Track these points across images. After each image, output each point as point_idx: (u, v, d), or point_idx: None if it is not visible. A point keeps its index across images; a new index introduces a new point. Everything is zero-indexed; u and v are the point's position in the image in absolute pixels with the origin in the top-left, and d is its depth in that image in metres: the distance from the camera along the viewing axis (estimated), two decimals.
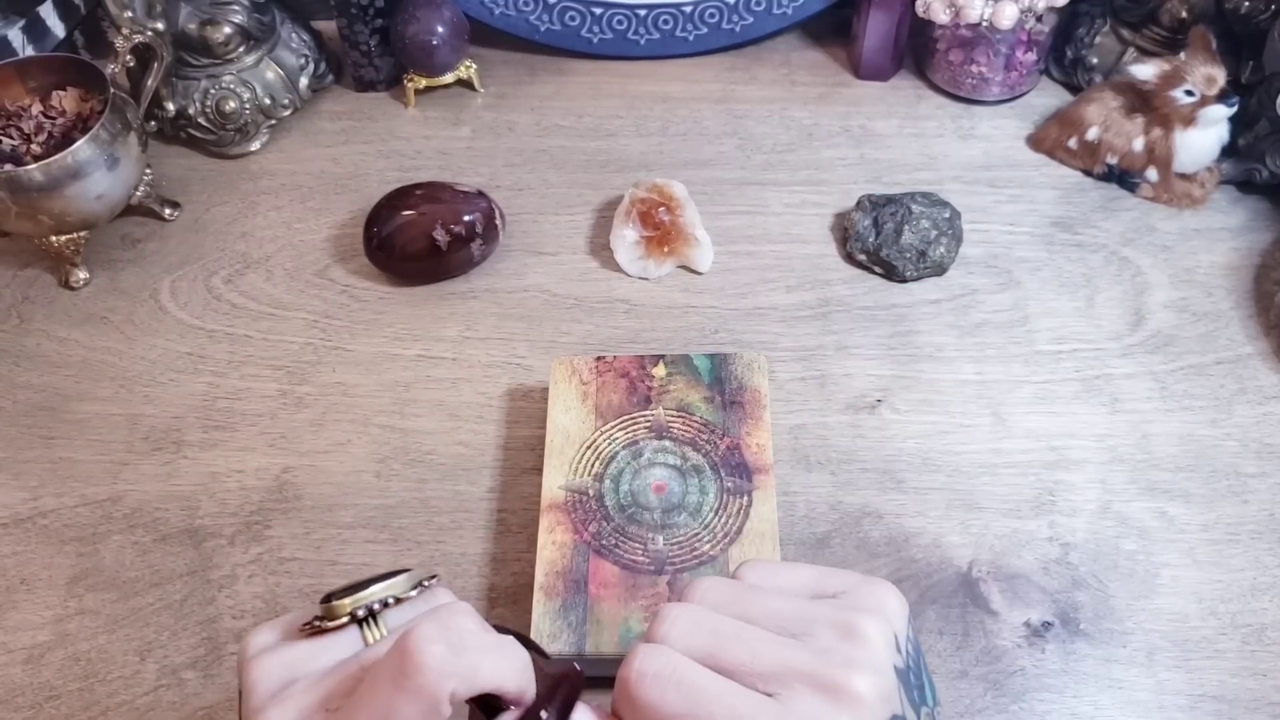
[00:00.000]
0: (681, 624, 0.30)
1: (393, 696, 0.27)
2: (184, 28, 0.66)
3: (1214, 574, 0.48)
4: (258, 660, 0.30)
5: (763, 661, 0.28)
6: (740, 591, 0.31)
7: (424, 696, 0.27)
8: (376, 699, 0.28)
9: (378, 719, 0.27)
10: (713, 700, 0.28)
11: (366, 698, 0.28)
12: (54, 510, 0.52)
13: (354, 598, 0.31)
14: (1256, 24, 0.64)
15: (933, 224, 0.60)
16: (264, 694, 0.30)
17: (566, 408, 0.50)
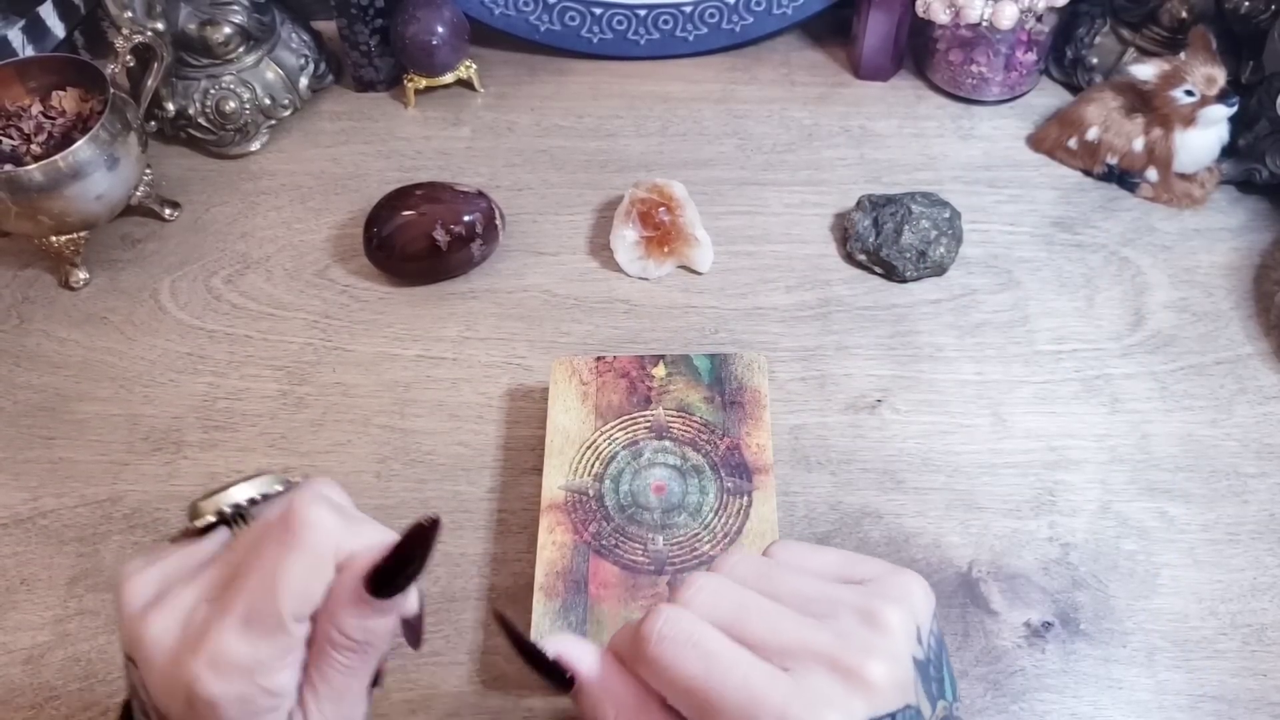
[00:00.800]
0: (706, 592, 0.30)
1: (281, 556, 0.28)
2: (184, 28, 0.66)
3: (1214, 574, 0.48)
4: (128, 581, 0.30)
5: (782, 638, 0.29)
6: (768, 568, 0.31)
7: (310, 552, 0.28)
8: (264, 562, 0.28)
9: (267, 581, 0.28)
10: (729, 669, 0.28)
11: (254, 563, 0.28)
12: (54, 510, 0.52)
13: (216, 498, 0.31)
14: (1256, 24, 0.64)
15: (933, 224, 0.60)
16: (139, 604, 0.29)
17: (566, 408, 0.50)
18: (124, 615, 0.29)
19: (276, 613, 0.28)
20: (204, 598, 0.29)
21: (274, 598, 0.28)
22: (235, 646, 0.28)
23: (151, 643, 0.28)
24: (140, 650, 0.29)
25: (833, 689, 0.28)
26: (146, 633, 0.28)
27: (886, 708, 0.28)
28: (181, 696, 0.28)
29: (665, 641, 0.28)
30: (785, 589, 0.31)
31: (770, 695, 0.27)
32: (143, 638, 0.28)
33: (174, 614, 0.29)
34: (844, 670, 0.28)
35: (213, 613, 0.28)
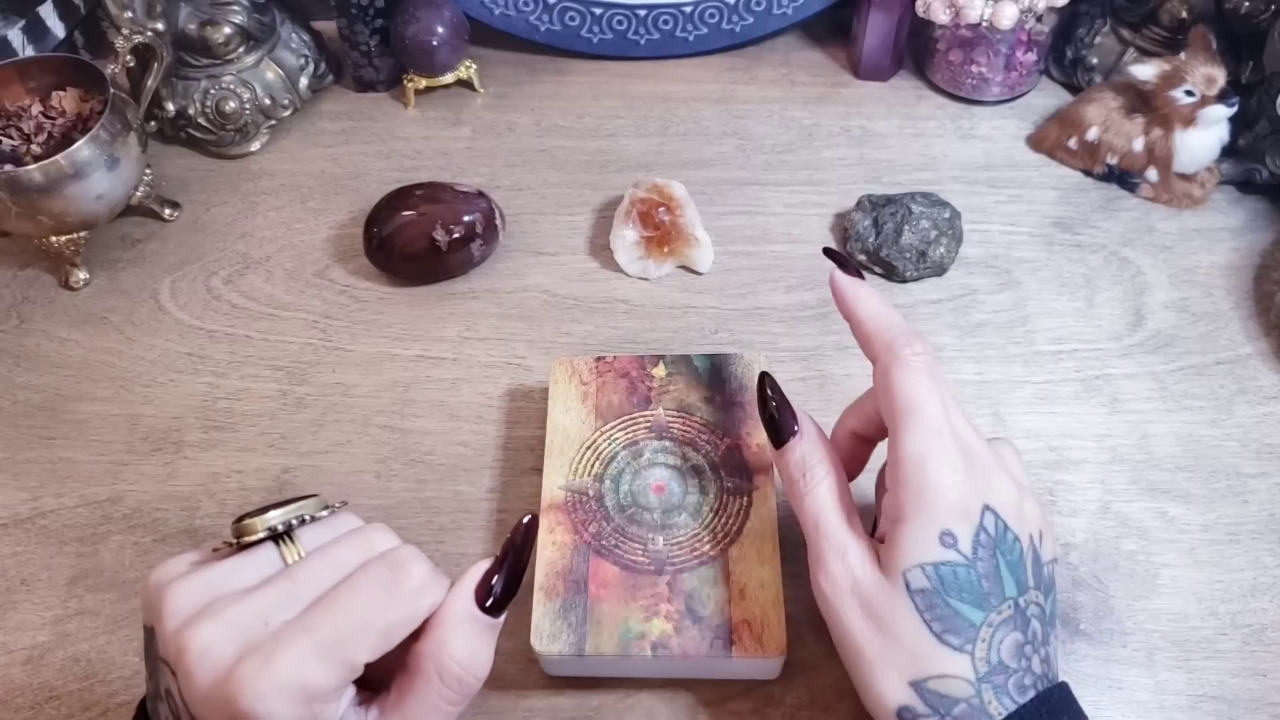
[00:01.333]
0: (943, 380, 0.37)
1: (386, 604, 0.30)
2: (184, 28, 0.66)
3: (1214, 574, 0.48)
4: (173, 586, 0.30)
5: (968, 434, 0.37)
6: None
7: (414, 609, 0.30)
8: (363, 602, 0.29)
9: (363, 622, 0.29)
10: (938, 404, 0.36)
11: (347, 600, 0.29)
12: (54, 510, 0.52)
13: (266, 516, 0.31)
14: (1256, 24, 0.64)
15: (933, 224, 0.60)
16: (185, 612, 0.29)
17: (566, 408, 0.50)
18: (166, 624, 0.29)
19: (358, 652, 0.29)
20: (264, 619, 0.29)
21: (363, 638, 0.29)
22: (310, 669, 0.28)
23: (199, 654, 0.28)
24: (184, 660, 0.28)
25: (985, 472, 0.35)
26: (193, 643, 0.28)
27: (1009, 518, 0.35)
28: (225, 711, 0.28)
29: (919, 356, 0.37)
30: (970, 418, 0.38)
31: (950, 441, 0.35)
32: (188, 648, 0.28)
33: (226, 627, 0.29)
34: (997, 473, 0.36)
35: (289, 632, 0.28)
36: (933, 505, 0.34)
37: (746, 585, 0.43)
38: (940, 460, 0.35)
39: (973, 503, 0.34)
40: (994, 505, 0.35)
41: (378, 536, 0.32)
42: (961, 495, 0.34)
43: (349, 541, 0.32)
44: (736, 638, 0.41)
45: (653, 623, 0.42)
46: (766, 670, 0.44)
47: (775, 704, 0.44)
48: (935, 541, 0.34)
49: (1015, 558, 0.34)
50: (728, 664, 0.42)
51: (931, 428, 0.35)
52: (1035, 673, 0.34)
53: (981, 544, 0.34)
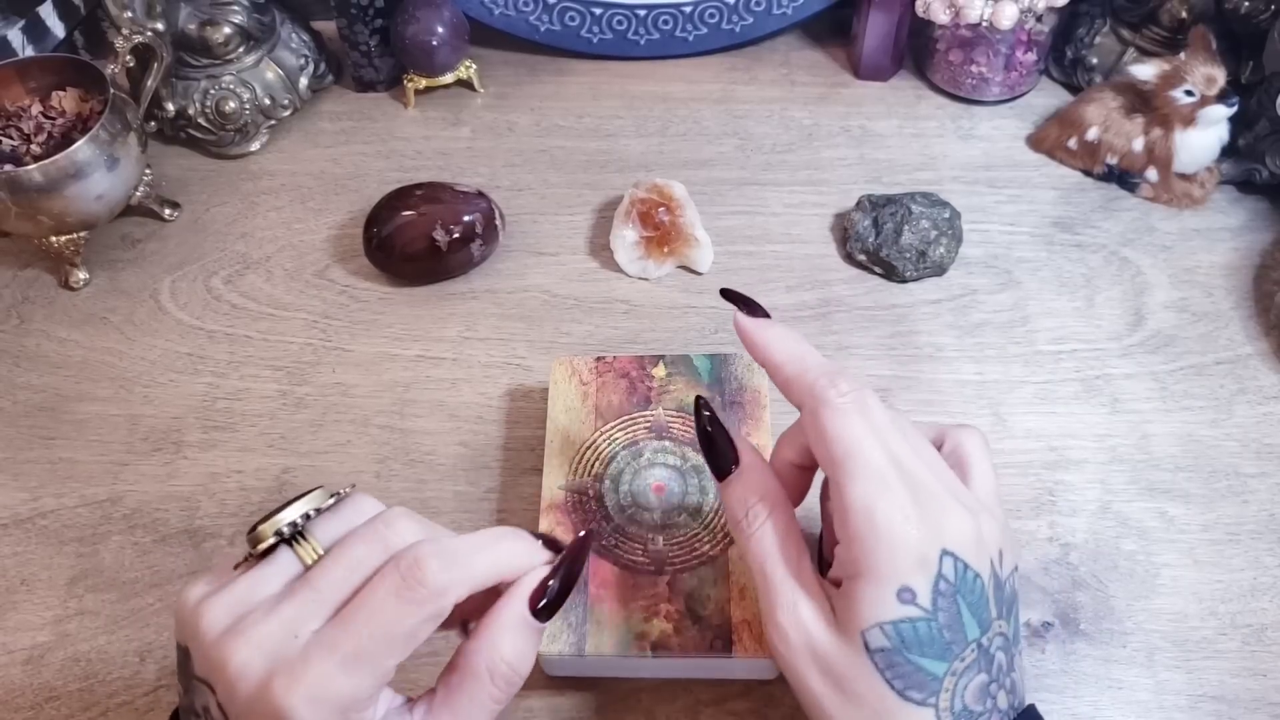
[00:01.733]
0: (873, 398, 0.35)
1: (397, 609, 0.30)
2: (184, 28, 0.66)
3: (1214, 574, 0.48)
4: (203, 605, 0.31)
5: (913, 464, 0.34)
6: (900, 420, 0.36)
7: (427, 606, 0.30)
8: (382, 611, 0.30)
9: (384, 630, 0.29)
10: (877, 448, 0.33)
11: (365, 612, 0.30)
12: (54, 510, 0.52)
13: (273, 520, 0.31)
14: (1256, 24, 0.64)
15: (933, 224, 0.60)
16: (217, 630, 0.30)
17: (566, 408, 0.50)
18: (202, 642, 0.30)
19: (384, 659, 0.29)
20: (293, 631, 0.29)
21: (387, 647, 0.29)
22: (339, 682, 0.29)
23: (236, 671, 0.29)
24: (223, 677, 0.29)
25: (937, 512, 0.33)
26: (230, 661, 0.29)
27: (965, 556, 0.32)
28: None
29: (847, 397, 0.34)
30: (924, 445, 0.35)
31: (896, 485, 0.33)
32: (226, 665, 0.29)
33: (258, 644, 0.29)
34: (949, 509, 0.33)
35: (315, 647, 0.29)
36: (888, 561, 0.32)
37: (746, 585, 0.43)
38: (889, 509, 0.32)
39: (929, 550, 0.32)
40: (951, 547, 0.32)
41: (393, 530, 0.32)
42: (917, 544, 0.32)
43: (363, 537, 0.32)
44: (736, 638, 0.41)
45: (653, 623, 0.42)
46: (766, 670, 0.44)
47: (775, 704, 0.44)
48: (893, 599, 0.32)
49: (977, 596, 0.33)
50: (728, 664, 0.42)
51: (874, 474, 0.33)
52: (1001, 709, 0.33)
53: (941, 593, 0.32)
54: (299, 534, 0.32)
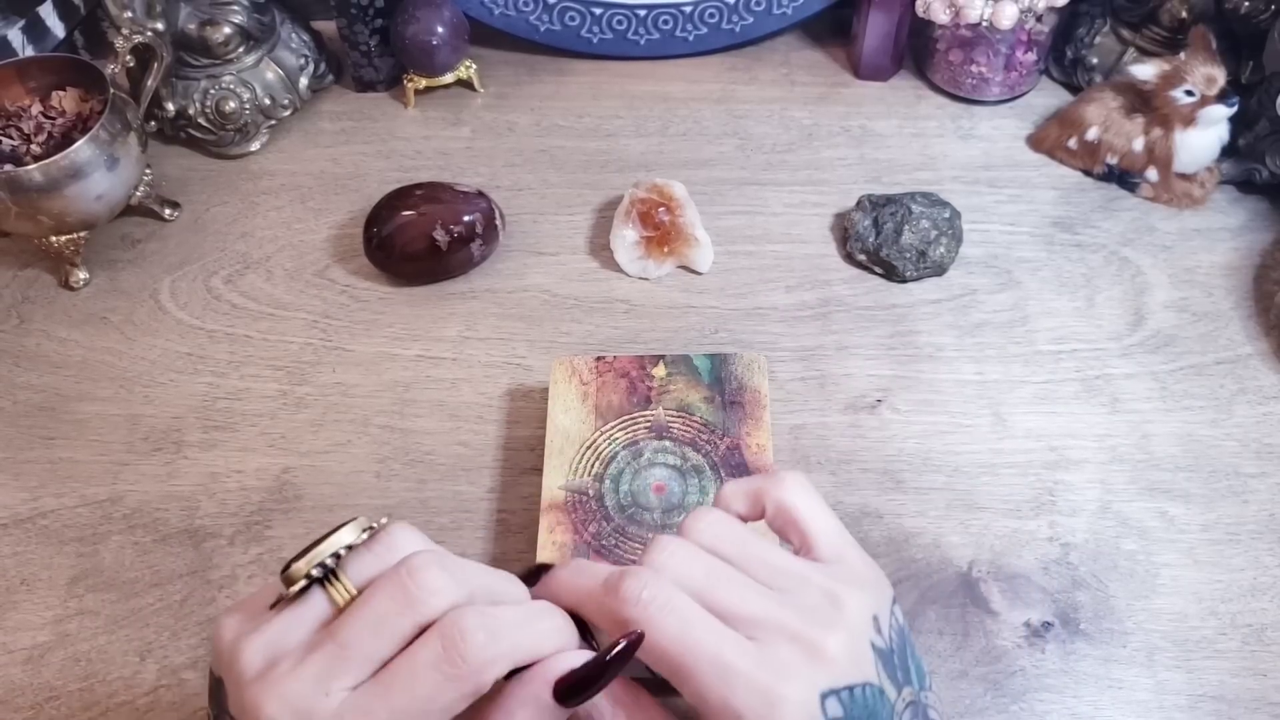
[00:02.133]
0: (678, 558, 0.32)
1: (439, 684, 0.29)
2: (184, 28, 0.66)
3: (1214, 574, 0.48)
4: (237, 645, 0.30)
5: (749, 608, 0.31)
6: (735, 533, 0.33)
7: (470, 682, 0.29)
8: (419, 687, 0.29)
9: (421, 705, 0.29)
10: (702, 636, 0.30)
11: (404, 681, 0.29)
12: (54, 510, 0.52)
13: (306, 558, 0.31)
14: (1256, 24, 0.64)
15: (933, 224, 0.60)
16: (251, 673, 0.30)
17: (566, 408, 0.50)
18: (238, 682, 0.30)
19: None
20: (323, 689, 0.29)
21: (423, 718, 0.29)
22: None
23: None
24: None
25: (795, 659, 0.30)
26: (262, 710, 0.29)
27: (846, 680, 0.30)
28: None
29: (644, 605, 0.30)
30: (753, 557, 0.33)
31: (740, 662, 0.30)
32: (258, 713, 0.29)
33: (288, 701, 0.29)
34: (805, 643, 0.30)
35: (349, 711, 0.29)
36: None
37: None
38: (749, 699, 0.29)
39: (809, 707, 0.29)
40: (828, 684, 0.30)
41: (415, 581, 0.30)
42: (795, 710, 0.29)
43: (386, 590, 0.30)
44: None
45: None
46: None
47: None
48: None
49: (872, 702, 0.31)
50: None
51: (714, 672, 0.30)
52: None
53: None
54: (331, 573, 0.31)
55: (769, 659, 0.30)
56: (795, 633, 0.30)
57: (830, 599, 0.31)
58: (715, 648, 0.30)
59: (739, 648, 0.30)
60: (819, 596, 0.32)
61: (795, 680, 0.30)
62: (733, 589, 0.31)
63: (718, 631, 0.30)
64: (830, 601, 0.31)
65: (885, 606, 0.33)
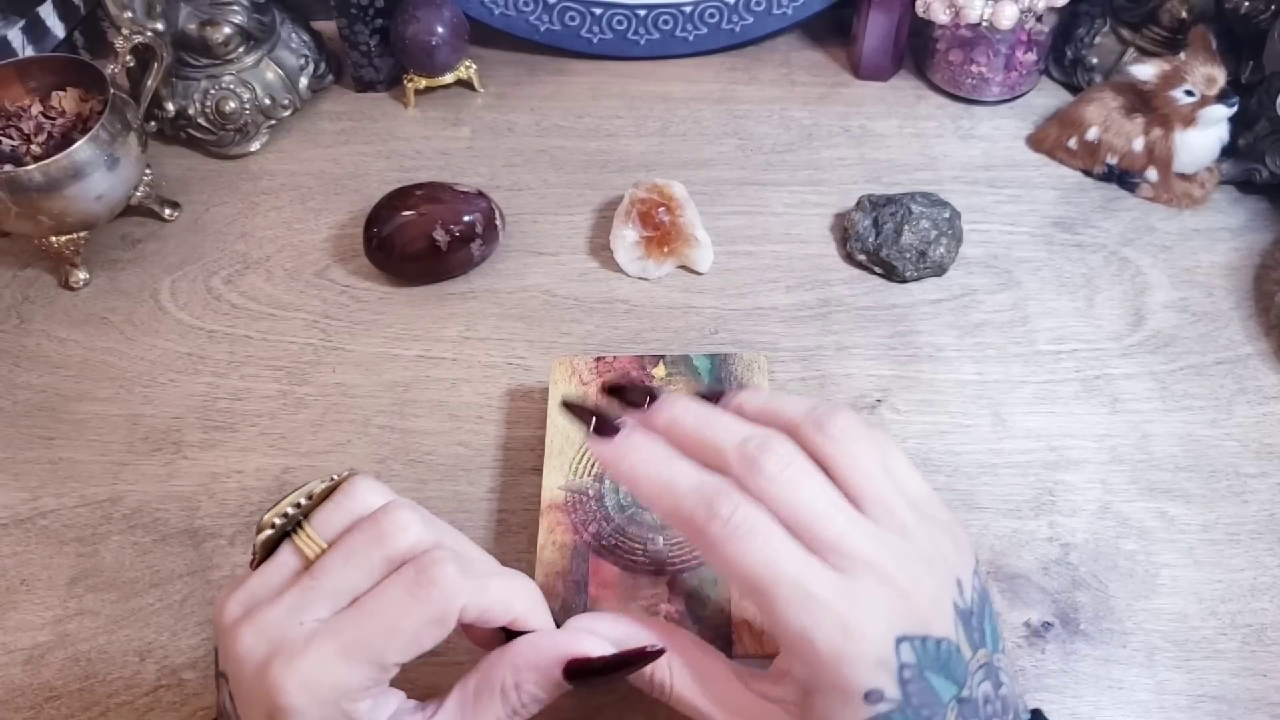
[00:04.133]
0: (791, 470, 0.31)
1: (407, 606, 0.30)
2: (184, 28, 0.66)
3: (1214, 574, 0.48)
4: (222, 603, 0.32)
5: (847, 543, 0.31)
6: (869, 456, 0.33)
7: (435, 607, 0.30)
8: (388, 608, 0.30)
9: (387, 625, 0.30)
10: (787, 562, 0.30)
11: (374, 604, 0.30)
12: (54, 510, 0.52)
13: (269, 514, 0.32)
14: (1256, 24, 0.64)
15: (933, 224, 0.60)
16: (230, 621, 0.31)
17: None
18: (220, 627, 0.31)
19: (383, 652, 0.30)
20: (296, 618, 0.30)
21: (387, 639, 0.30)
22: (334, 669, 0.29)
23: (241, 655, 0.30)
24: (231, 663, 0.30)
25: (879, 598, 0.30)
26: (236, 646, 0.30)
27: (924, 630, 0.30)
28: (264, 709, 0.29)
29: (730, 526, 0.30)
30: (870, 482, 0.32)
31: (822, 591, 0.30)
32: (233, 650, 0.30)
33: (260, 630, 0.30)
34: (893, 586, 0.30)
35: (317, 634, 0.30)
36: (845, 676, 0.30)
37: None
38: (825, 628, 0.30)
39: (883, 650, 0.30)
40: (904, 631, 0.30)
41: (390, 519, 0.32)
42: (870, 650, 0.30)
43: (363, 531, 0.32)
44: (736, 637, 0.41)
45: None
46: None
47: None
48: (860, 704, 0.30)
49: (945, 660, 0.31)
50: None
51: (793, 596, 0.30)
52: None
53: (907, 680, 0.30)
54: (297, 526, 0.32)
55: (853, 592, 0.30)
56: (885, 574, 0.30)
57: (923, 549, 0.32)
58: (798, 574, 0.30)
59: (822, 576, 0.30)
60: (914, 544, 0.32)
61: (875, 617, 0.30)
62: (835, 520, 0.31)
63: (802, 559, 0.30)
64: (923, 552, 0.32)
65: (969, 569, 0.33)
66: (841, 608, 0.30)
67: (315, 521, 0.33)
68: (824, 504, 0.31)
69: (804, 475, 0.32)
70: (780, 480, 0.31)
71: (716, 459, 0.32)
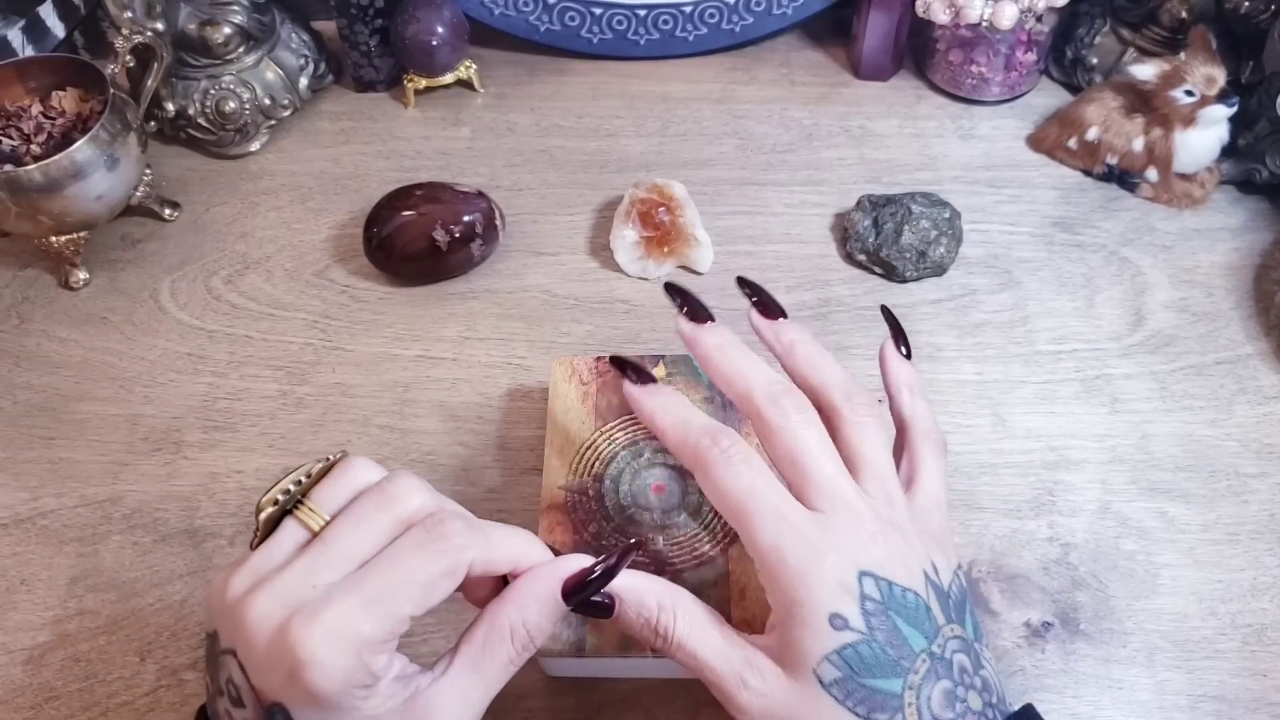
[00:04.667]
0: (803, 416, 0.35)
1: (421, 560, 0.32)
2: (184, 28, 0.66)
3: (1214, 574, 0.48)
4: (225, 581, 0.32)
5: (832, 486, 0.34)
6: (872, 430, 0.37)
7: (447, 559, 0.32)
8: (403, 563, 0.32)
9: (405, 577, 0.31)
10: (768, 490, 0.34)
11: (390, 559, 0.32)
12: (54, 510, 0.52)
13: (269, 492, 0.33)
14: (1256, 24, 0.64)
15: (933, 224, 0.60)
16: (238, 593, 0.31)
17: (566, 408, 0.50)
18: (224, 605, 0.32)
19: (402, 604, 0.31)
20: (309, 581, 0.31)
21: (408, 593, 0.31)
22: (358, 620, 0.30)
23: (255, 622, 0.30)
24: (242, 632, 0.31)
25: (850, 533, 0.33)
26: (249, 614, 0.31)
27: (890, 574, 0.33)
28: (284, 669, 0.30)
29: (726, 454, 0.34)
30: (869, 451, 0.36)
31: (796, 517, 0.33)
32: (245, 619, 0.31)
33: (275, 595, 0.31)
34: (865, 528, 0.33)
35: (337, 590, 0.31)
36: (810, 594, 0.32)
37: (746, 585, 0.43)
38: (795, 544, 0.33)
39: (846, 575, 0.32)
40: (868, 567, 0.32)
41: (396, 486, 0.34)
42: (832, 571, 0.32)
43: (370, 498, 0.33)
44: None
45: None
46: None
47: None
48: (827, 628, 0.32)
49: (912, 608, 0.33)
50: None
51: (771, 515, 0.33)
52: (975, 709, 0.33)
53: (870, 613, 0.32)
54: (299, 502, 0.33)
55: (826, 525, 0.33)
56: (859, 516, 0.34)
57: (901, 524, 0.34)
58: (777, 501, 0.33)
59: (799, 508, 0.34)
60: (895, 515, 0.35)
61: (840, 544, 0.33)
62: (826, 466, 0.34)
63: (785, 494, 0.34)
64: (901, 525, 0.34)
65: (948, 565, 0.35)
66: (812, 533, 0.33)
67: (315, 498, 0.34)
68: (820, 451, 0.35)
69: (811, 424, 0.35)
70: (792, 420, 0.35)
71: (743, 388, 0.36)
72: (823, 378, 0.38)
